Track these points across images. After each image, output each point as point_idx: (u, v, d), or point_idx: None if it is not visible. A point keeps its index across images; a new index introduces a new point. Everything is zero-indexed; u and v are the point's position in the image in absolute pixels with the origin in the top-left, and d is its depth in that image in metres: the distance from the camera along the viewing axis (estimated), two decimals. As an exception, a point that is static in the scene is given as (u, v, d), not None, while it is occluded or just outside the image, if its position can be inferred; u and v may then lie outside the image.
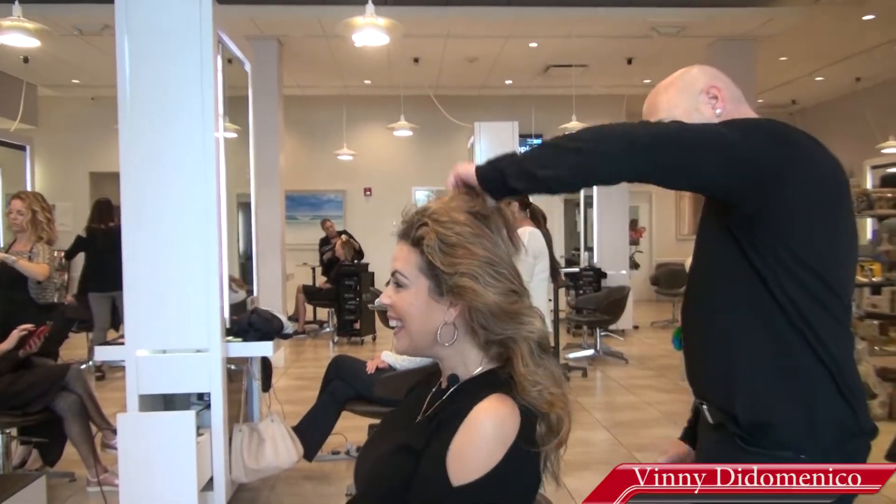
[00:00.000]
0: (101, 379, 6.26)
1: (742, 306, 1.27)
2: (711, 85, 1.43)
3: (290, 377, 6.42)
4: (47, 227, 4.06)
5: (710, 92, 1.43)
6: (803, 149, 1.26)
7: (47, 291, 4.08)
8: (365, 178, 11.49)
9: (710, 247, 1.37)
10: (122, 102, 3.02)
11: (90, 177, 10.95)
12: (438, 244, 1.08)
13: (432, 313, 1.10)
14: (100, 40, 7.31)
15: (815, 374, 1.23)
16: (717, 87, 1.43)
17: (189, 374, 3.06)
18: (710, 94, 1.43)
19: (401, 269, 1.13)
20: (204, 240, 3.04)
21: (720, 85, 1.44)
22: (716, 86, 1.43)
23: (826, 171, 1.26)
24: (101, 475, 3.48)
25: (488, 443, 1.00)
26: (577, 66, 9.13)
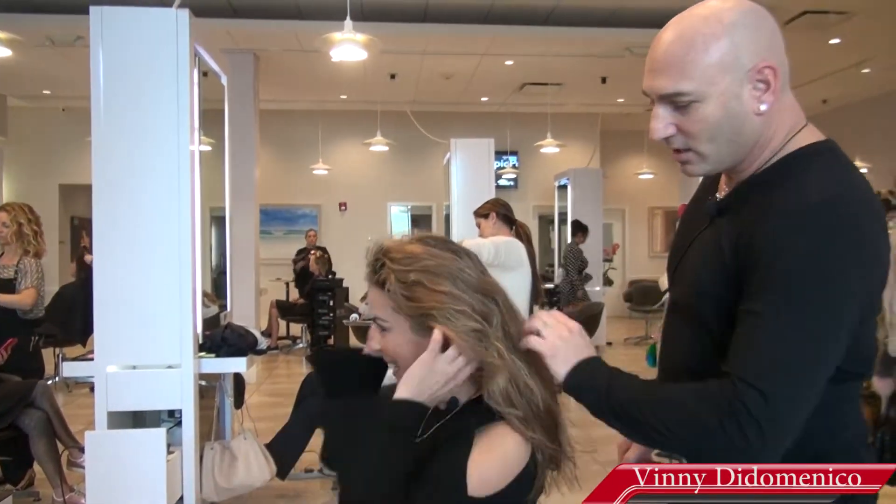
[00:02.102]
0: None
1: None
2: (766, 64, 1.00)
3: (262, 393, 6.34)
4: (34, 239, 3.97)
5: (762, 73, 1.00)
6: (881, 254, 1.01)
7: (35, 307, 3.98)
8: (340, 192, 11.45)
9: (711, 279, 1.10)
10: (95, 114, 2.98)
11: (59, 189, 10.78)
12: (398, 287, 1.07)
13: (421, 349, 1.08)
14: (73, 51, 7.22)
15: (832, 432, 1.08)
16: (773, 68, 1.00)
17: (160, 391, 3.00)
18: (761, 77, 1.00)
19: (379, 314, 1.12)
20: (177, 253, 3.00)
21: (776, 63, 1.00)
22: (771, 65, 1.00)
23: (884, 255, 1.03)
24: (67, 494, 3.40)
25: (508, 462, 1.03)
26: (553, 85, 9.22)
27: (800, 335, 0.94)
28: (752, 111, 1.02)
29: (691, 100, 1.01)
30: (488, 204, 4.01)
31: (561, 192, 9.78)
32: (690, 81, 1.00)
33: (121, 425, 3.05)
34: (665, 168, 12.17)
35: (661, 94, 1.03)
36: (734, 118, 1.02)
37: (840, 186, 0.99)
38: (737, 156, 1.07)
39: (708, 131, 1.03)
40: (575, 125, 11.11)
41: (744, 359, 0.96)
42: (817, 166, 1.02)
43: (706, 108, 1.01)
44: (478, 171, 7.17)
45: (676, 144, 1.07)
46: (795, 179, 1.01)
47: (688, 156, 1.08)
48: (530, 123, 10.55)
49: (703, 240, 1.13)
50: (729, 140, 1.04)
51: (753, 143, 1.05)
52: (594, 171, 9.73)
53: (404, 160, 11.33)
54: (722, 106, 1.01)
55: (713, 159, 1.07)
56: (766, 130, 1.05)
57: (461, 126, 10.09)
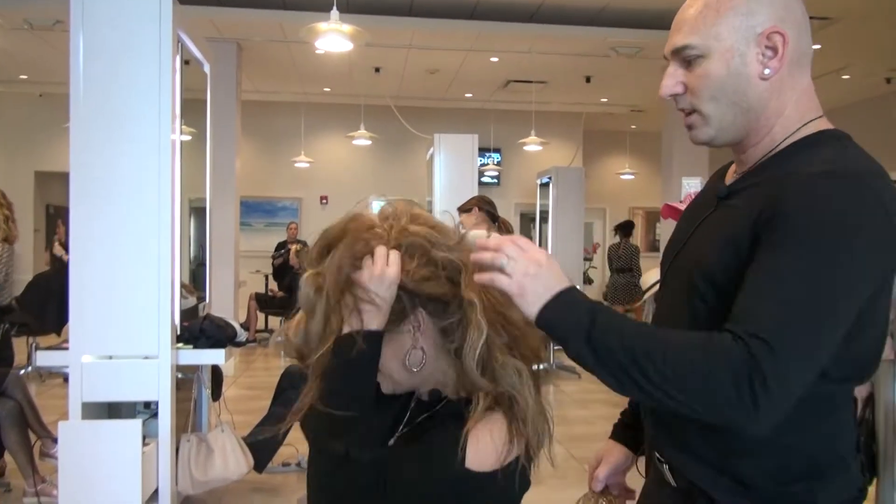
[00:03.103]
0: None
1: None
2: (776, 30, 1.01)
3: (240, 386, 6.29)
4: (5, 224, 3.92)
5: (770, 38, 1.01)
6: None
7: (3, 294, 3.92)
8: (321, 186, 11.39)
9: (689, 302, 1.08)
10: (73, 100, 2.92)
11: (35, 176, 10.60)
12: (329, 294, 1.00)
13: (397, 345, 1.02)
14: (51, 35, 7.10)
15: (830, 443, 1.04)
16: (783, 35, 1.01)
17: (136, 382, 2.96)
18: (770, 43, 1.02)
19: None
20: (156, 243, 2.96)
21: (788, 31, 1.02)
22: (781, 32, 1.01)
23: None
24: (39, 485, 3.35)
25: (504, 442, 0.99)
26: (537, 83, 9.23)
27: (813, 291, 0.90)
28: (757, 74, 1.03)
29: (696, 54, 1.04)
30: (473, 199, 4.01)
31: (543, 191, 9.80)
32: (697, 36, 1.03)
33: (95, 416, 3.00)
34: (646, 168, 12.25)
35: (673, 48, 1.07)
36: (737, 77, 1.03)
37: (862, 163, 0.99)
38: (741, 124, 1.06)
39: (710, 88, 1.04)
40: (558, 124, 11.13)
41: (754, 313, 0.91)
42: (837, 146, 1.03)
43: (710, 64, 1.03)
44: (461, 166, 7.16)
45: (682, 104, 1.09)
46: (816, 153, 1.01)
47: (693, 118, 1.08)
48: (514, 121, 10.56)
49: (710, 222, 1.11)
50: (732, 102, 1.04)
51: (759, 113, 1.05)
52: (576, 170, 9.76)
53: (387, 155, 11.29)
54: (725, 63, 1.02)
55: (716, 123, 1.07)
56: (772, 101, 1.05)
57: (445, 122, 10.07)
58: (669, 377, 0.91)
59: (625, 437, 1.36)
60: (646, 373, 0.91)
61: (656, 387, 0.91)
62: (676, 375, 0.91)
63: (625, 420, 1.39)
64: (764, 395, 0.87)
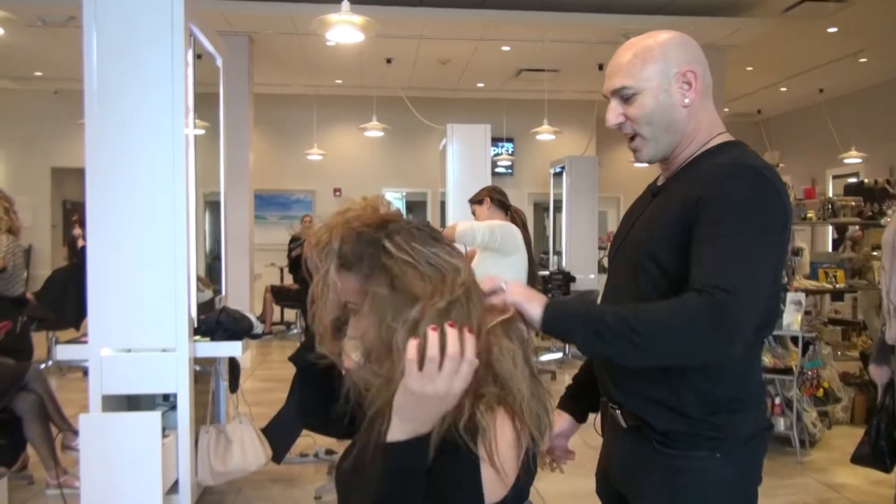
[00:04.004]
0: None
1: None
2: (689, 69, 1.35)
3: (256, 379, 6.33)
4: (6, 215, 3.97)
5: (685, 76, 1.35)
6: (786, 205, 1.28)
7: (11, 285, 3.97)
8: (335, 178, 11.40)
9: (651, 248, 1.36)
10: (88, 96, 2.95)
11: (51, 172, 10.69)
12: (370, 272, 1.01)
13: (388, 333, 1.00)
14: (65, 32, 7.14)
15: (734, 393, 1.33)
16: (695, 73, 1.35)
17: (155, 374, 2.99)
18: (685, 79, 1.35)
19: (347, 298, 1.04)
20: (172, 237, 2.98)
21: (698, 70, 1.36)
22: (693, 70, 1.35)
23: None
24: (62, 477, 3.39)
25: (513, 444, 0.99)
26: (549, 71, 9.18)
27: (753, 252, 1.20)
28: (679, 103, 1.35)
29: (633, 92, 1.35)
30: (483, 190, 3.99)
31: (556, 180, 9.76)
32: (632, 79, 1.35)
33: (115, 409, 3.04)
34: (660, 156, 12.16)
35: (613, 89, 1.38)
36: (665, 107, 1.35)
37: (754, 161, 1.32)
38: (670, 142, 1.38)
39: (646, 116, 1.36)
40: (571, 112, 11.07)
41: (710, 272, 1.19)
42: (737, 150, 1.37)
43: (644, 99, 1.35)
44: (474, 156, 7.14)
45: (626, 130, 1.40)
46: (723, 154, 1.35)
47: (636, 142, 1.40)
48: (526, 110, 10.50)
49: (646, 214, 1.42)
50: (664, 127, 1.36)
51: (682, 133, 1.37)
52: (590, 159, 9.71)
53: (400, 146, 11.28)
54: (655, 97, 1.35)
55: (653, 143, 1.38)
56: (691, 122, 1.37)
57: (457, 112, 10.04)
58: (660, 336, 1.17)
59: (569, 407, 1.61)
60: (641, 337, 1.15)
61: (652, 344, 1.16)
62: (665, 334, 1.17)
63: (568, 392, 1.64)
64: (734, 329, 1.15)
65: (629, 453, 1.41)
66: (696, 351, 1.18)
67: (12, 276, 4.01)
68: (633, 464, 1.40)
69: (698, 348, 1.18)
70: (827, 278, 5.16)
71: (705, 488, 1.31)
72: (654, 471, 1.35)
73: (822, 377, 4.51)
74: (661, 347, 1.17)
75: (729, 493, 1.32)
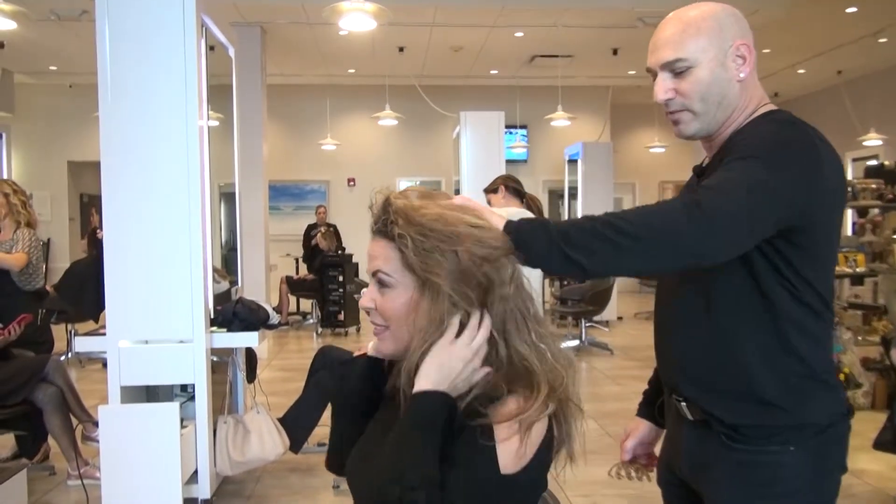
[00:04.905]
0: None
1: (744, 310, 1.24)
2: (743, 42, 1.27)
3: (273, 369, 6.37)
4: (23, 209, 4.00)
5: (739, 49, 1.27)
6: (828, 168, 1.19)
7: (33, 278, 4.01)
8: (349, 168, 11.41)
9: None
10: (102, 89, 2.95)
11: (68, 166, 10.78)
12: (414, 248, 1.00)
13: (422, 312, 1.02)
14: (78, 26, 7.17)
15: (808, 372, 1.24)
16: (748, 47, 1.28)
17: (172, 365, 3.01)
18: (740, 53, 1.27)
19: (383, 267, 1.04)
20: (187, 229, 2.98)
21: (750, 44, 1.28)
22: (747, 44, 1.28)
23: (840, 183, 1.24)
24: (82, 468, 3.42)
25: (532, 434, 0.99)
26: (563, 57, 9.11)
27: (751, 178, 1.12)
28: (734, 78, 1.28)
29: (687, 66, 1.27)
30: (498, 179, 3.96)
31: (571, 167, 9.71)
32: (687, 50, 1.27)
33: (134, 400, 3.06)
34: (676, 141, 12.02)
35: (664, 62, 1.29)
36: (721, 82, 1.27)
37: (801, 125, 1.24)
38: (721, 118, 1.30)
39: (700, 91, 1.28)
40: (585, 98, 10.99)
41: (706, 185, 1.15)
42: (779, 117, 1.29)
43: (699, 73, 1.27)
44: (488, 144, 7.11)
45: (674, 107, 1.32)
46: (766, 120, 1.29)
47: (683, 116, 1.31)
48: (540, 97, 10.44)
49: None
50: (717, 102, 1.28)
51: (733, 109, 1.30)
52: (605, 145, 9.64)
53: (413, 134, 11.26)
54: (711, 71, 1.27)
55: (703, 118, 1.30)
56: (742, 98, 1.30)
57: (470, 100, 10.00)
58: (635, 225, 1.07)
59: (648, 414, 1.55)
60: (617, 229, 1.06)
61: (626, 236, 1.06)
62: (642, 225, 1.07)
63: (647, 398, 1.57)
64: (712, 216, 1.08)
65: (696, 447, 1.34)
66: (674, 243, 1.08)
67: (35, 269, 4.05)
68: (701, 458, 1.33)
69: (676, 239, 1.08)
70: (847, 262, 5.09)
71: (780, 483, 1.24)
72: (725, 466, 1.28)
73: (843, 362, 4.46)
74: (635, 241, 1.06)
75: (805, 486, 1.24)
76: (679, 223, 1.08)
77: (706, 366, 1.28)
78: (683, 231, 1.08)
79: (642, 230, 1.07)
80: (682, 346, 1.33)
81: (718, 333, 1.26)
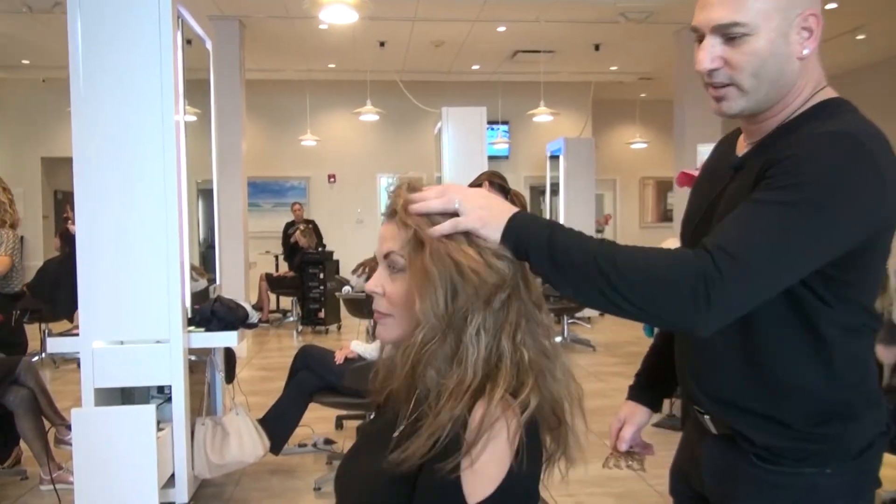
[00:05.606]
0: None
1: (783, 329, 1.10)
2: (812, 12, 1.07)
3: (253, 368, 6.28)
4: (9, 208, 3.88)
5: (808, 21, 1.07)
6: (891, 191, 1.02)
7: (12, 281, 3.90)
8: (329, 164, 11.30)
9: None
10: (74, 83, 2.86)
11: (42, 162, 10.58)
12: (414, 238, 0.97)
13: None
14: (51, 18, 7.01)
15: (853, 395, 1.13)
16: (817, 18, 1.07)
17: (148, 367, 2.93)
18: (807, 24, 1.07)
19: (396, 248, 0.99)
20: (164, 226, 2.91)
21: (819, 15, 1.08)
22: (816, 14, 1.07)
23: None
24: (55, 473, 3.33)
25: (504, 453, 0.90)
26: (545, 52, 9.07)
27: (790, 230, 0.97)
28: (795, 54, 1.08)
29: (744, 32, 1.05)
30: (483, 175, 3.91)
31: (553, 163, 9.70)
32: (748, 13, 1.05)
33: (109, 402, 2.98)
34: (657, 137, 12.08)
35: (717, 24, 1.07)
36: (780, 57, 1.07)
37: (858, 129, 1.05)
38: (772, 98, 1.11)
39: (754, 65, 1.07)
40: (567, 94, 10.97)
41: (730, 233, 0.98)
42: (837, 114, 1.09)
43: (757, 42, 1.06)
44: (470, 140, 7.07)
45: (719, 78, 1.10)
46: (824, 118, 1.08)
47: (727, 91, 1.11)
48: (523, 92, 10.40)
49: (730, 194, 1.15)
50: (771, 80, 1.09)
51: (789, 89, 1.11)
52: (586, 141, 9.64)
53: (394, 130, 11.18)
54: (771, 42, 1.06)
55: (752, 96, 1.10)
56: (800, 78, 1.11)
57: (451, 95, 9.94)
58: (629, 279, 0.96)
59: (645, 398, 1.45)
60: (606, 275, 0.96)
61: (617, 290, 0.96)
62: (636, 277, 0.96)
63: (640, 381, 1.47)
64: (718, 294, 0.94)
65: (720, 462, 1.21)
66: (666, 305, 0.97)
67: (17, 272, 3.94)
68: (725, 475, 1.21)
69: (670, 302, 0.96)
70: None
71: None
72: (752, 486, 1.16)
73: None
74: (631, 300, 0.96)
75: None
76: (681, 308, 0.96)
77: (736, 386, 1.15)
78: (683, 316, 0.96)
79: (638, 298, 0.97)
80: (709, 361, 1.19)
81: (754, 352, 1.13)
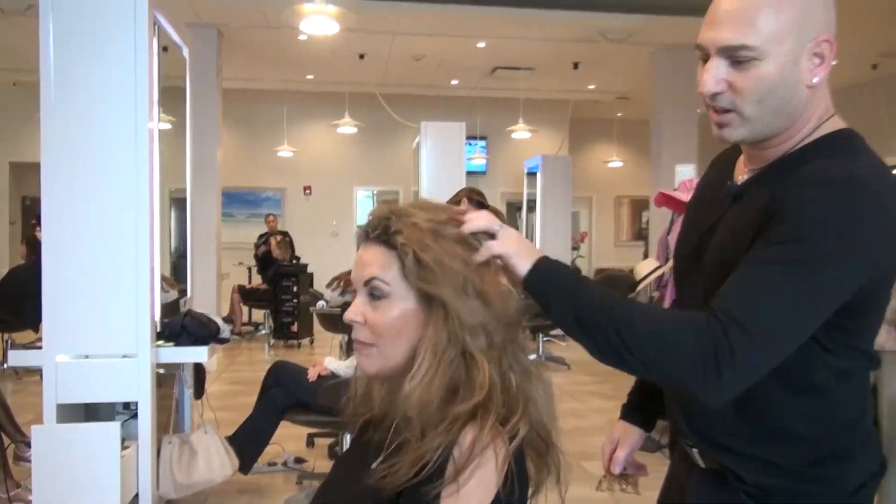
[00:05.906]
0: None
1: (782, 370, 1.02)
2: (826, 38, 0.99)
3: (223, 382, 6.15)
4: None
5: (821, 46, 0.99)
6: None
7: None
8: (305, 176, 11.22)
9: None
10: (44, 88, 2.77)
11: (10, 167, 10.36)
12: (414, 256, 0.91)
13: (419, 325, 0.92)
14: (23, 20, 6.85)
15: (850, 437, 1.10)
16: (831, 45, 1.00)
17: (114, 382, 2.82)
18: (819, 51, 1.00)
19: (379, 274, 0.93)
20: (134, 236, 2.82)
21: (833, 41, 1.00)
22: (830, 41, 1.00)
23: None
24: (13, 491, 3.20)
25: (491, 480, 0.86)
26: (525, 69, 9.12)
27: (796, 287, 0.94)
28: (804, 82, 1.01)
29: (753, 56, 0.98)
30: (462, 191, 3.88)
31: (530, 179, 9.72)
32: (758, 36, 0.97)
33: (72, 418, 2.87)
34: (633, 156, 12.19)
35: (724, 45, 1.00)
36: (789, 84, 1.00)
37: (865, 169, 1.00)
38: (776, 127, 1.05)
39: (760, 92, 1.00)
40: (546, 112, 11.03)
41: (739, 296, 0.96)
42: (844, 150, 1.04)
43: (766, 67, 0.99)
44: (448, 155, 7.03)
45: (722, 103, 1.03)
46: (824, 159, 1.02)
47: (729, 117, 1.04)
48: (502, 108, 10.44)
49: (728, 222, 1.11)
50: (776, 108, 1.02)
51: (796, 118, 1.04)
52: (564, 159, 9.69)
53: (372, 144, 11.13)
54: (780, 67, 0.99)
55: (754, 125, 1.04)
56: (808, 108, 1.04)
57: (430, 110, 9.92)
58: (643, 346, 0.96)
59: (637, 418, 1.41)
60: (623, 339, 0.95)
61: (631, 353, 0.96)
62: (650, 344, 0.96)
63: (633, 401, 1.44)
64: (729, 371, 0.92)
65: (710, 496, 1.17)
66: (678, 374, 0.97)
67: None
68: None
69: (681, 373, 0.97)
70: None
71: None
72: None
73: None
74: (644, 365, 0.98)
75: None
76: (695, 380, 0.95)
77: (727, 428, 1.10)
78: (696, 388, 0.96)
79: (651, 363, 0.97)
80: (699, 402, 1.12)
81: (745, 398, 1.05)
